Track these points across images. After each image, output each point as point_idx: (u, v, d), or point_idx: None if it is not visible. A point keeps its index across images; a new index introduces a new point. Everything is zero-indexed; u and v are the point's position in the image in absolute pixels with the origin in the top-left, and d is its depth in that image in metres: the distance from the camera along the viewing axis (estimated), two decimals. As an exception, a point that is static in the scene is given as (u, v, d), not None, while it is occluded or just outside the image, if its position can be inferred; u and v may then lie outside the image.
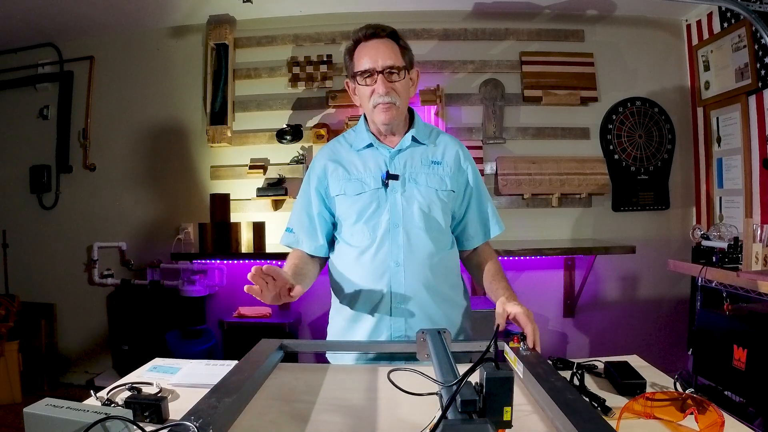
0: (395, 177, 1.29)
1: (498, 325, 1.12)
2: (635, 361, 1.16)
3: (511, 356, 1.08)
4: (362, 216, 1.30)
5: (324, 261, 1.42)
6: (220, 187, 3.21)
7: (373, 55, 1.26)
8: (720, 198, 3.06)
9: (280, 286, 1.07)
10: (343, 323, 1.36)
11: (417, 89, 1.40)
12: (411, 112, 1.40)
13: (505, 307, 1.12)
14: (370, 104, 1.29)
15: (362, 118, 1.39)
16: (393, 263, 1.28)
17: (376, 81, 1.26)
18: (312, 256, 1.37)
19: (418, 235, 1.28)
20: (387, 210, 1.29)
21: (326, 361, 1.37)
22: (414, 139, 1.35)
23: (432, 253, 1.29)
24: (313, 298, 1.45)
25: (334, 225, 1.39)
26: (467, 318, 1.41)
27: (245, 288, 1.02)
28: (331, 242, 1.41)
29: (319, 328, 3.06)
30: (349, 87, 1.37)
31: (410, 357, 1.27)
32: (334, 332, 1.40)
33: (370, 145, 1.35)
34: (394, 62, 1.26)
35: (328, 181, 1.35)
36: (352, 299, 1.33)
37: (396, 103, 1.28)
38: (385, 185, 1.29)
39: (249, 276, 1.01)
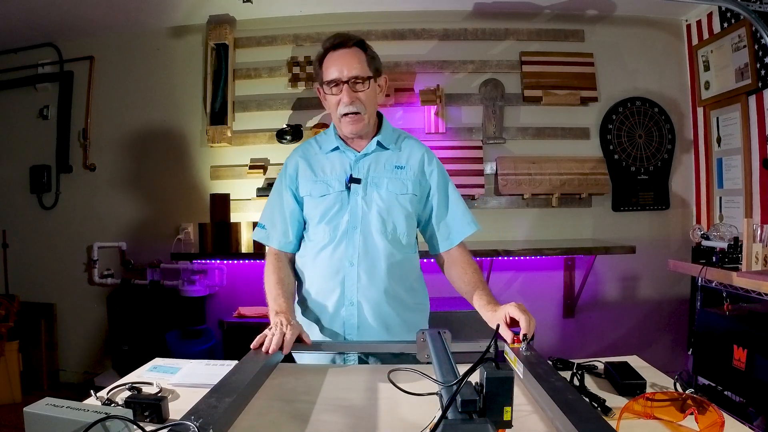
0: (357, 181, 1.33)
1: (498, 326, 1.12)
2: (635, 361, 1.16)
3: (511, 356, 1.08)
4: (325, 217, 1.34)
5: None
6: (220, 187, 3.21)
7: (339, 66, 1.29)
8: (720, 198, 3.06)
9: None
10: (302, 320, 1.39)
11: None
12: (380, 117, 1.42)
13: (498, 315, 1.17)
14: (337, 113, 1.32)
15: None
16: (348, 263, 1.31)
17: (341, 90, 1.29)
18: (285, 254, 1.42)
19: (374, 237, 1.32)
20: (347, 211, 1.32)
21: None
22: (380, 144, 1.37)
23: (388, 255, 1.32)
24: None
25: (305, 222, 1.42)
26: (425, 320, 1.44)
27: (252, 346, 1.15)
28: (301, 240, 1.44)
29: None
30: (320, 93, 1.39)
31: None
32: None
33: (337, 148, 1.38)
34: (359, 72, 1.29)
35: (298, 182, 1.40)
36: (309, 296, 1.37)
37: (361, 113, 1.31)
38: (348, 188, 1.33)
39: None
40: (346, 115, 1.31)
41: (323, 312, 1.34)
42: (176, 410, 0.90)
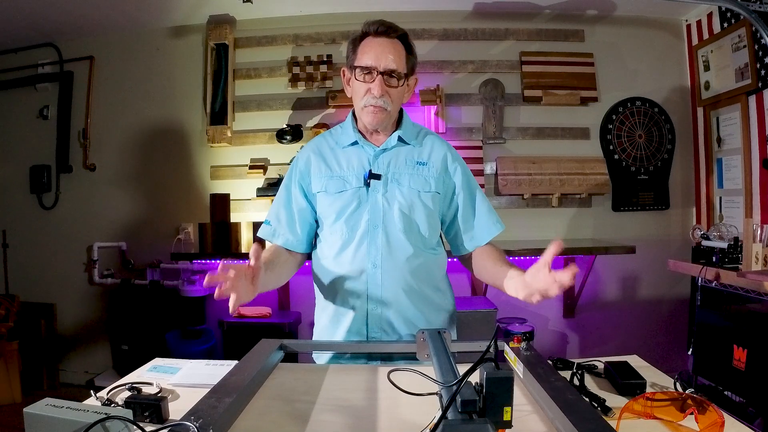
0: (377, 176, 1.27)
1: (498, 326, 1.11)
2: (635, 361, 1.16)
3: (511, 356, 1.08)
4: (342, 215, 1.28)
5: (302, 258, 1.39)
6: (220, 187, 3.21)
7: (377, 54, 1.23)
8: (720, 198, 3.06)
9: (243, 273, 0.98)
10: (325, 322, 1.36)
11: (413, 93, 1.37)
12: (400, 112, 1.37)
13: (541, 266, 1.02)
14: (361, 102, 1.26)
15: (350, 114, 1.37)
16: (371, 264, 1.26)
17: (373, 80, 1.23)
18: (289, 251, 1.34)
19: (397, 236, 1.26)
20: (367, 210, 1.27)
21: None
22: (400, 139, 1.32)
23: (411, 255, 1.27)
24: (313, 298, 1.45)
25: (316, 222, 1.37)
26: (452, 323, 1.40)
27: (215, 296, 0.92)
28: (312, 240, 1.39)
29: (319, 328, 3.04)
30: (344, 75, 1.34)
31: (388, 358, 1.28)
32: (318, 331, 1.40)
33: (356, 143, 1.32)
34: (396, 67, 1.24)
35: (310, 178, 1.33)
36: (331, 299, 1.33)
37: (387, 108, 1.26)
38: (367, 184, 1.27)
39: (207, 282, 0.92)
40: (369, 106, 1.25)
41: (347, 316, 1.30)
42: (176, 410, 0.90)
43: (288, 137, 3.12)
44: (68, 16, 3.05)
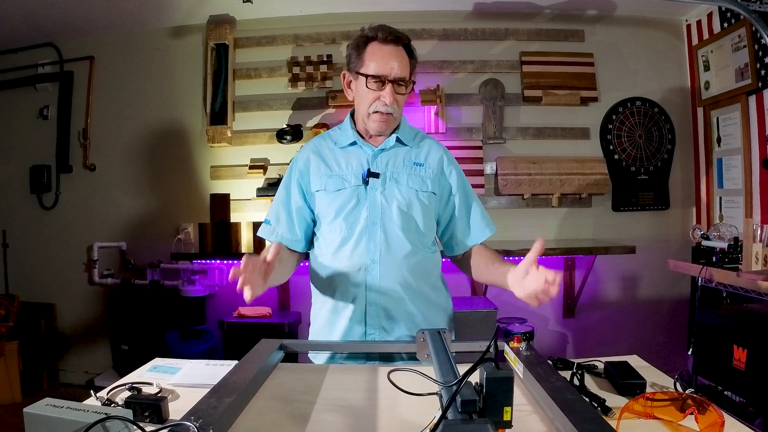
0: (376, 175, 1.29)
1: (498, 326, 1.12)
2: (635, 361, 1.16)
3: (511, 356, 1.09)
4: (341, 212, 1.30)
5: (300, 257, 1.41)
6: (220, 187, 3.21)
7: (388, 62, 1.25)
8: (720, 198, 3.06)
9: (258, 267, 1.03)
10: (323, 320, 1.36)
11: (413, 92, 1.38)
12: None
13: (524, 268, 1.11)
14: (369, 109, 1.28)
15: (348, 115, 1.39)
16: (369, 260, 1.28)
17: (384, 89, 1.26)
18: (289, 250, 1.36)
19: (395, 233, 1.28)
20: (366, 207, 1.29)
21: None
22: (398, 140, 1.35)
23: (409, 252, 1.29)
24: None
25: (314, 222, 1.38)
26: (448, 320, 1.41)
27: (238, 286, 0.99)
28: (310, 239, 1.40)
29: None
30: (345, 78, 1.35)
31: (387, 357, 1.28)
32: (315, 330, 1.40)
33: (354, 143, 1.35)
34: (405, 75, 1.27)
35: (309, 177, 1.35)
36: (329, 296, 1.34)
37: (394, 114, 1.29)
38: (366, 183, 1.30)
39: (232, 275, 0.99)
40: (378, 113, 1.27)
41: (345, 312, 1.31)
42: (176, 410, 0.90)
43: (288, 137, 3.12)
44: (68, 16, 3.05)
